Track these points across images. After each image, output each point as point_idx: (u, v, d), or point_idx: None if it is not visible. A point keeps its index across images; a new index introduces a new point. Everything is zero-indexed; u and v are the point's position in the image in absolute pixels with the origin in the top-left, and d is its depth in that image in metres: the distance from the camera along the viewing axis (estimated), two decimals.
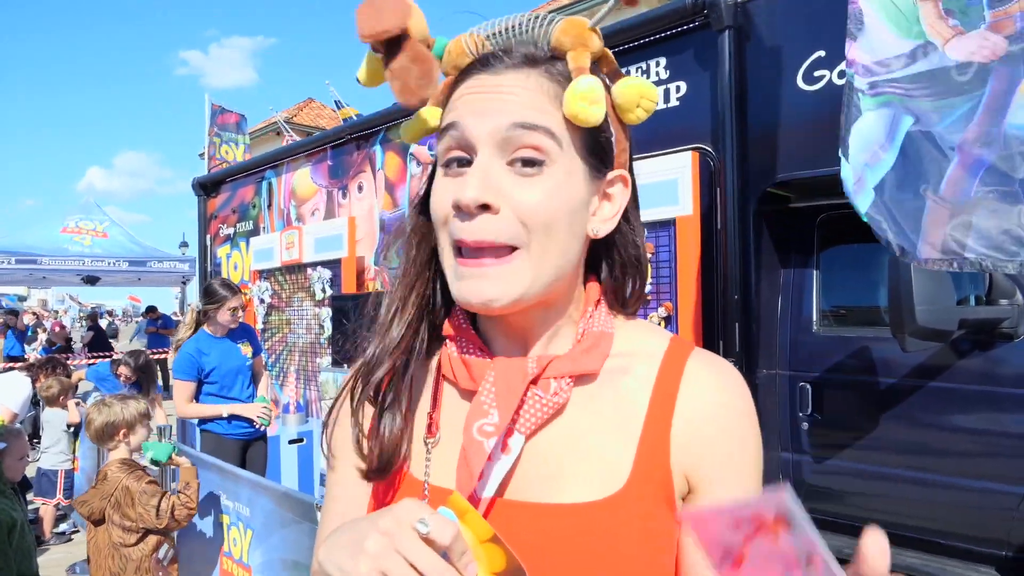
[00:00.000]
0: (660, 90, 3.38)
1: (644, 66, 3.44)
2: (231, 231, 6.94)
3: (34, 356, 10.09)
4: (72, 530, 5.12)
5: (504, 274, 0.62)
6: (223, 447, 3.70)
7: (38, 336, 13.75)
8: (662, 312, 3.20)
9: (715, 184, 3.14)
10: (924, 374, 2.98)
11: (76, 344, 13.20)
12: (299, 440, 4.43)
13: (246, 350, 3.94)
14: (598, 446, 0.66)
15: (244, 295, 4.08)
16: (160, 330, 12.22)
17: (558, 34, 0.65)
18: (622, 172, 0.70)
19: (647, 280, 0.76)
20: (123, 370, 5.27)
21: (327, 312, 5.17)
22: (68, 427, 5.11)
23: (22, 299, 26.28)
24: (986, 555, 2.85)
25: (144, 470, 2.90)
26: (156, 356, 9.33)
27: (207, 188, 7.27)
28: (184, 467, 2.90)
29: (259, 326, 6.00)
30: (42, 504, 4.98)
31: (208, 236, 7.29)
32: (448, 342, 0.72)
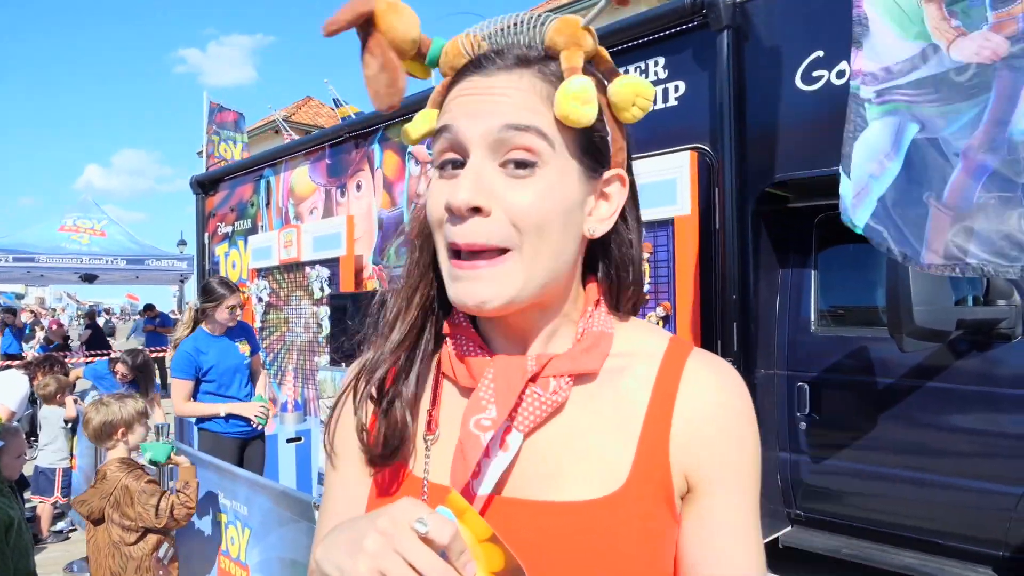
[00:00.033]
0: (659, 90, 3.38)
1: (643, 66, 3.44)
2: (229, 229, 6.93)
3: (32, 354, 10.07)
4: (70, 528, 5.11)
5: (497, 276, 0.62)
6: (221, 446, 3.70)
7: (36, 334, 13.73)
8: (660, 312, 3.20)
9: (713, 184, 3.14)
10: (922, 374, 2.99)
11: (74, 342, 13.20)
12: (297, 439, 4.43)
13: (244, 349, 3.94)
14: (597, 445, 0.66)
15: (242, 293, 4.07)
16: (158, 328, 12.20)
17: (552, 34, 0.65)
18: (619, 171, 0.70)
19: (644, 280, 0.76)
20: (120, 368, 5.26)
21: (325, 311, 5.16)
22: (66, 423, 5.10)
23: (20, 297, 26.25)
24: (983, 555, 2.85)
25: (143, 469, 2.89)
26: (154, 354, 9.32)
27: (205, 186, 7.26)
28: (183, 466, 2.90)
29: (257, 325, 6.00)
30: (39, 502, 4.97)
31: (206, 234, 7.28)
32: (448, 341, 0.72)
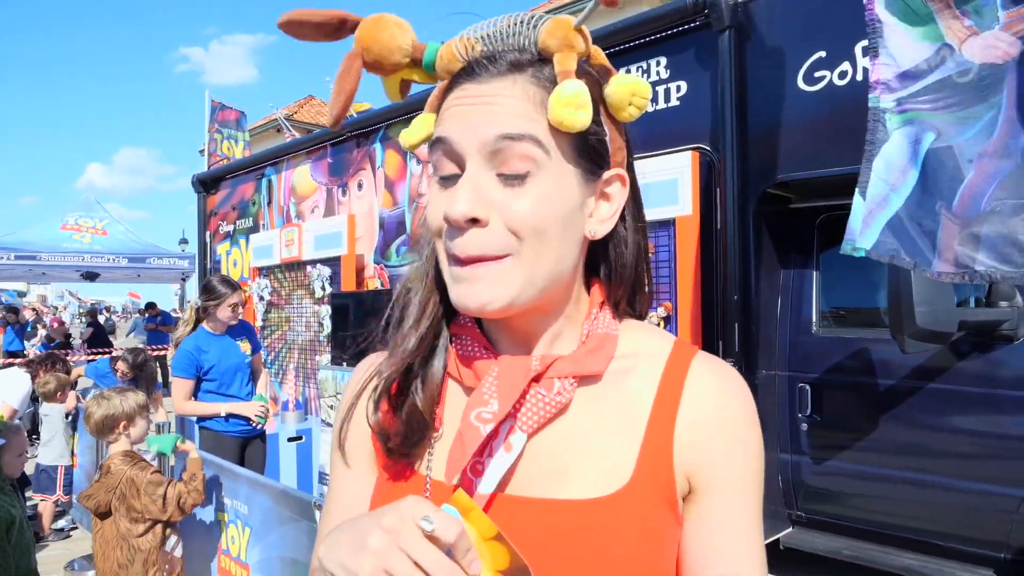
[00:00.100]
0: (660, 90, 3.38)
1: (644, 65, 3.44)
2: (231, 228, 6.93)
3: (33, 352, 10.09)
4: (71, 527, 5.12)
5: (497, 277, 0.63)
6: (222, 444, 3.70)
7: (37, 332, 13.75)
8: (661, 312, 3.20)
9: (715, 184, 3.14)
10: (923, 376, 2.98)
11: (75, 340, 13.21)
12: (298, 438, 4.43)
13: (245, 347, 3.94)
14: (601, 445, 0.66)
15: (243, 292, 4.07)
16: (159, 327, 12.21)
17: (544, 36, 0.65)
18: (619, 171, 0.70)
19: (646, 281, 0.75)
20: (121, 366, 5.27)
21: (326, 310, 5.16)
22: (66, 416, 5.12)
23: (22, 295, 26.28)
24: (985, 557, 2.85)
25: (147, 461, 2.89)
26: (155, 353, 9.33)
27: (207, 185, 7.27)
28: (190, 458, 2.90)
29: (258, 323, 6.00)
30: (41, 500, 4.97)
31: (208, 233, 7.29)
32: (454, 342, 0.73)
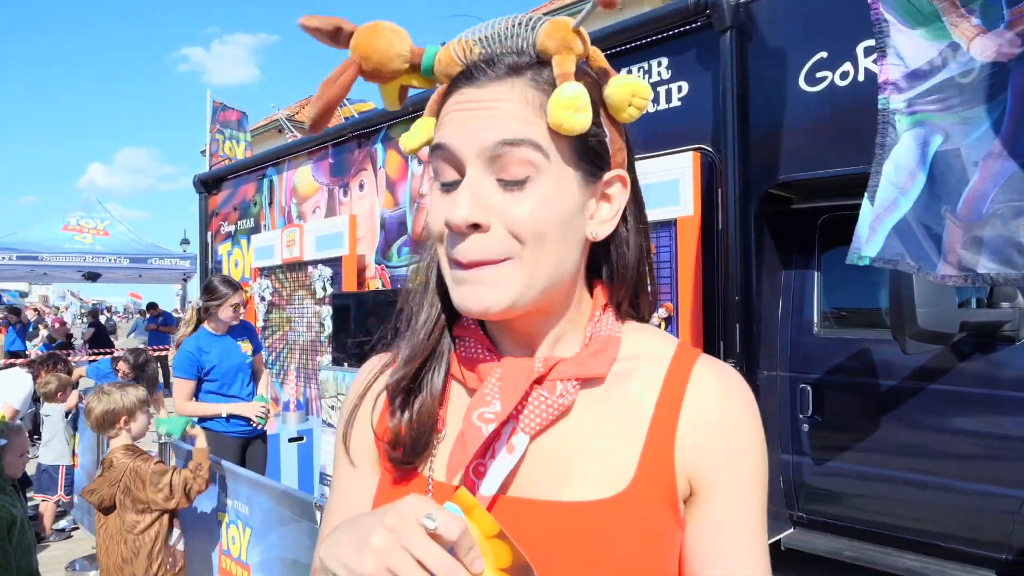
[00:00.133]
0: (662, 90, 3.37)
1: (646, 66, 3.44)
2: (232, 228, 6.94)
3: (35, 352, 10.09)
4: (72, 527, 5.12)
5: (499, 279, 0.63)
6: (222, 445, 3.70)
7: (39, 332, 13.76)
8: (662, 313, 3.19)
9: (716, 185, 3.14)
10: (925, 376, 2.98)
11: (77, 340, 13.21)
12: (299, 438, 4.43)
13: (246, 348, 3.94)
14: (604, 447, 0.66)
15: (245, 292, 4.07)
16: (161, 327, 12.21)
17: (542, 38, 0.65)
18: (620, 172, 0.70)
19: (648, 281, 0.75)
20: (122, 366, 5.27)
21: (327, 310, 5.17)
22: (66, 414, 5.13)
23: (23, 295, 26.29)
24: (986, 558, 2.84)
25: (149, 453, 2.89)
26: (157, 353, 9.33)
27: (208, 185, 7.27)
28: (197, 448, 2.91)
29: (260, 324, 6.01)
30: (42, 501, 4.98)
31: (209, 233, 7.30)
32: (457, 344, 0.73)
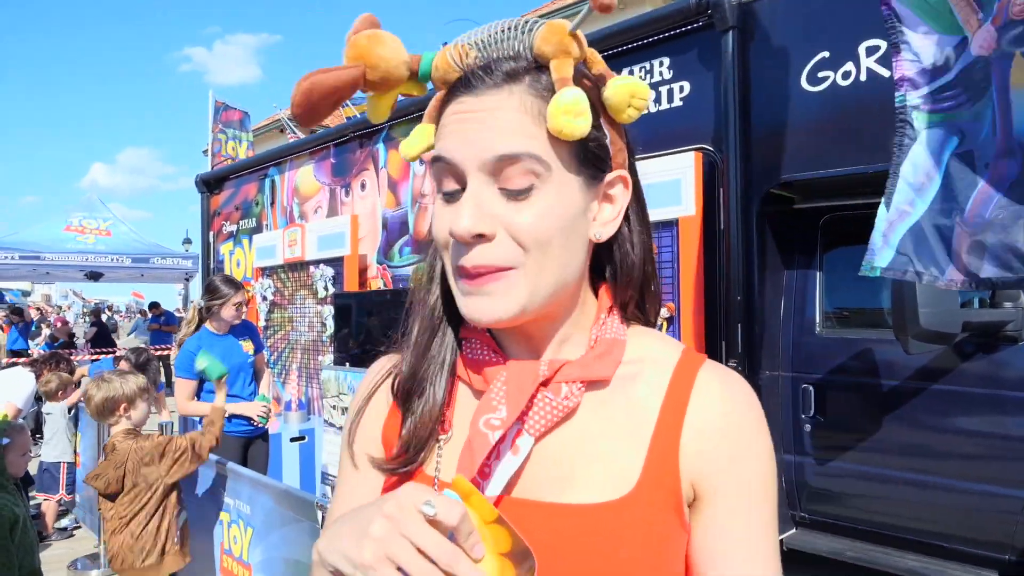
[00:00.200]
0: (663, 90, 3.37)
1: (647, 66, 3.43)
2: (234, 228, 6.94)
3: (37, 351, 10.11)
4: (74, 525, 5.13)
5: (505, 290, 0.63)
6: (224, 444, 3.69)
7: (41, 331, 13.78)
8: (664, 313, 3.19)
9: (718, 185, 3.13)
10: (927, 377, 2.97)
11: (79, 340, 13.23)
12: (301, 438, 4.44)
13: (248, 347, 3.94)
14: (609, 450, 0.66)
15: (247, 292, 4.07)
16: (163, 327, 12.23)
17: (539, 43, 0.64)
18: (621, 172, 0.70)
19: (653, 280, 0.75)
20: (123, 365, 5.28)
21: (329, 310, 5.17)
22: (68, 411, 5.15)
23: (26, 294, 26.34)
24: (988, 559, 2.84)
25: (151, 434, 2.91)
26: (159, 352, 9.35)
27: (210, 185, 7.28)
28: (214, 405, 3.04)
29: (261, 323, 6.01)
30: (44, 500, 4.99)
31: (211, 233, 7.30)
32: (464, 346, 0.73)
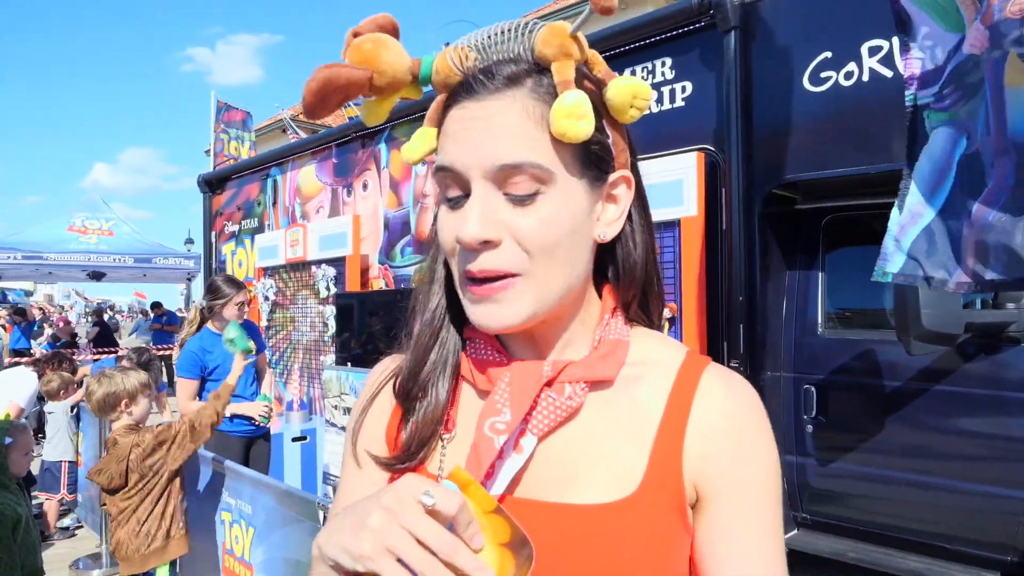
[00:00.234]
0: (665, 90, 3.37)
1: (649, 66, 3.43)
2: (236, 228, 6.95)
3: (39, 351, 10.12)
4: (76, 525, 5.13)
5: (515, 298, 0.64)
6: (226, 444, 3.70)
7: (44, 331, 13.80)
8: (666, 313, 3.19)
9: (720, 185, 3.13)
10: (929, 377, 2.97)
11: (81, 339, 13.24)
12: (302, 438, 4.44)
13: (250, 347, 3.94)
14: (612, 451, 0.66)
15: (248, 292, 4.07)
16: (165, 327, 12.24)
17: (540, 45, 0.64)
18: (624, 172, 0.70)
19: (656, 280, 0.75)
20: (125, 364, 5.29)
21: (331, 310, 5.17)
22: (71, 408, 5.15)
23: (28, 294, 26.36)
24: (990, 560, 2.83)
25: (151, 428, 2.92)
26: (161, 352, 9.36)
27: (212, 185, 7.29)
28: (225, 382, 3.08)
29: (263, 323, 6.02)
30: (46, 499, 5.00)
31: (213, 233, 7.31)
32: (468, 346, 0.73)
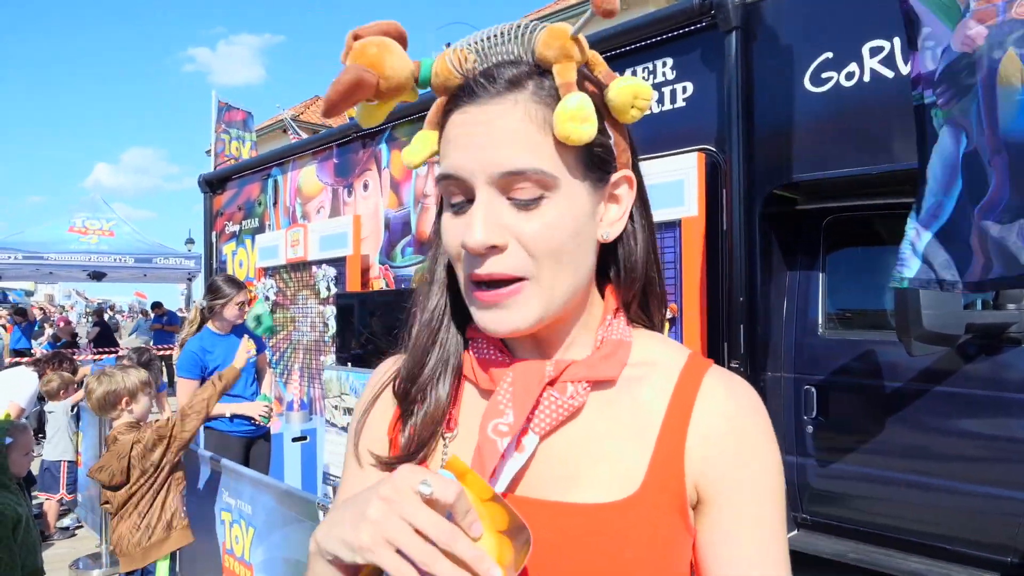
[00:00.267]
0: (666, 91, 3.37)
1: (651, 66, 3.43)
2: (237, 228, 6.95)
3: (39, 351, 10.13)
4: (76, 525, 5.14)
5: (520, 302, 0.64)
6: (226, 444, 3.71)
7: (44, 331, 13.80)
8: (667, 314, 3.19)
9: (721, 185, 3.13)
10: (930, 378, 2.97)
11: (82, 339, 13.25)
12: (302, 438, 4.44)
13: (250, 347, 3.94)
14: (614, 450, 0.66)
15: (249, 292, 4.07)
16: (165, 327, 12.24)
17: (541, 48, 0.64)
18: (626, 172, 0.70)
19: (657, 280, 0.75)
20: (125, 364, 5.30)
21: (331, 310, 5.17)
22: (72, 408, 5.15)
23: (29, 294, 26.38)
24: (991, 561, 2.83)
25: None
26: (161, 352, 9.36)
27: (213, 185, 7.29)
28: (233, 364, 3.10)
29: None
30: (46, 499, 5.00)
31: (214, 233, 7.31)
32: (471, 345, 0.73)
